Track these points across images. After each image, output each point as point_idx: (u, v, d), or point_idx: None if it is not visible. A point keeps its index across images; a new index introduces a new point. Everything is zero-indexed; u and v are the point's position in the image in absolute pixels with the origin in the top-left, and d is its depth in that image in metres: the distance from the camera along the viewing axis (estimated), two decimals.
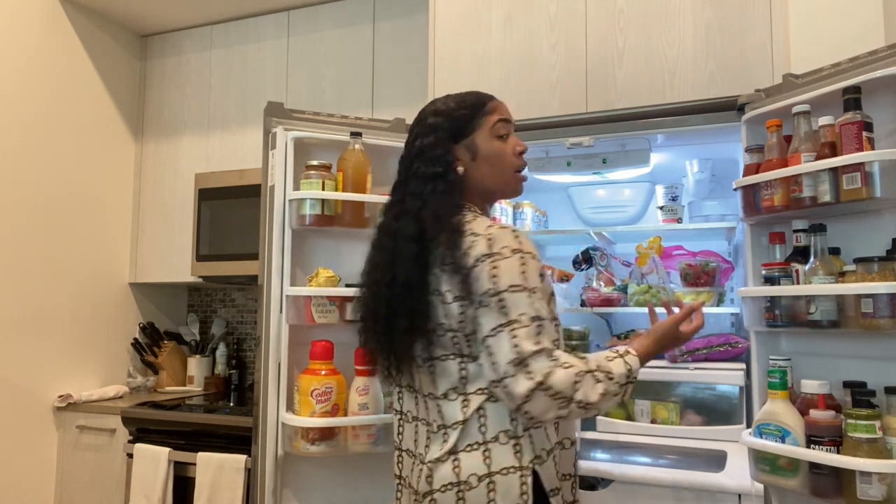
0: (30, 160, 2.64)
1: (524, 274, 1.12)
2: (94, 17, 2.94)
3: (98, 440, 2.62)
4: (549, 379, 1.05)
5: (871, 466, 1.19)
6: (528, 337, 1.07)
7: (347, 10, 2.78)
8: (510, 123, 1.30)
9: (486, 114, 1.28)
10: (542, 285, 1.16)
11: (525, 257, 1.14)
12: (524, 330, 1.08)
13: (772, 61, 1.73)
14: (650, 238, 2.12)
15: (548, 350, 1.08)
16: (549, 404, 1.06)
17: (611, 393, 1.11)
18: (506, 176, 1.28)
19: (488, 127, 1.27)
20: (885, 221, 1.38)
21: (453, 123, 1.26)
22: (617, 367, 1.13)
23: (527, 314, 1.09)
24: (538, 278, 1.15)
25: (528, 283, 1.11)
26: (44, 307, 2.67)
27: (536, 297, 1.12)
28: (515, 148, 1.29)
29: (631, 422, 1.87)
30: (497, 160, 1.27)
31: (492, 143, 1.27)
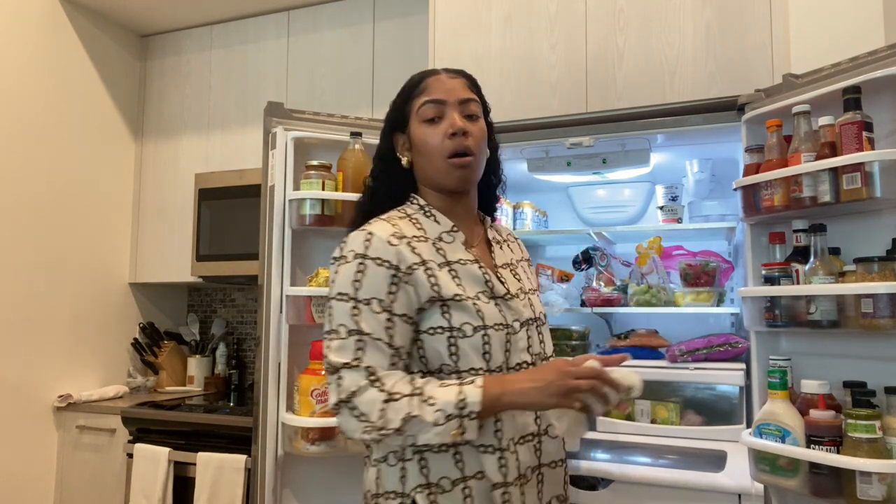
0: (30, 160, 2.64)
1: (357, 283, 1.03)
2: (94, 17, 2.94)
3: (98, 440, 2.62)
4: (354, 397, 0.98)
5: (871, 466, 1.19)
6: (339, 350, 1.01)
7: (347, 10, 2.78)
8: (442, 104, 1.13)
9: (416, 96, 1.15)
10: (395, 296, 1.04)
11: (366, 264, 1.04)
12: (338, 342, 1.02)
13: (772, 61, 1.73)
14: (650, 238, 2.12)
15: (367, 368, 1.00)
16: (354, 424, 0.99)
17: (424, 421, 0.97)
18: (437, 164, 1.13)
19: (415, 112, 1.15)
20: (885, 221, 1.38)
21: (391, 114, 1.20)
22: (444, 395, 0.98)
23: (345, 326, 1.02)
24: (381, 288, 1.03)
25: (359, 293, 1.03)
26: (44, 307, 2.67)
27: (368, 309, 1.02)
28: (448, 130, 1.11)
29: (631, 422, 1.87)
30: (423, 148, 1.14)
31: (419, 129, 1.14)
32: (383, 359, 1.02)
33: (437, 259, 1.09)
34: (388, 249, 1.05)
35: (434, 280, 1.06)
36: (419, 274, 1.05)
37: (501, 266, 1.18)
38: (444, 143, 1.11)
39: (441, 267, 1.08)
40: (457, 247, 1.13)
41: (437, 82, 1.15)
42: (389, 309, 1.03)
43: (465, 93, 1.16)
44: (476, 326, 1.06)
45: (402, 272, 1.05)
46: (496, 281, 1.13)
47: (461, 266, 1.10)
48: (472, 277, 1.10)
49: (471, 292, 1.08)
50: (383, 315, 1.03)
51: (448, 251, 1.11)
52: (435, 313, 1.05)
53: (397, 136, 1.19)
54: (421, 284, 1.05)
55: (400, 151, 1.18)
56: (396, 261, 1.05)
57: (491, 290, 1.11)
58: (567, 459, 1.21)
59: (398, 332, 1.04)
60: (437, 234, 1.13)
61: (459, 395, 0.98)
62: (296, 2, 2.84)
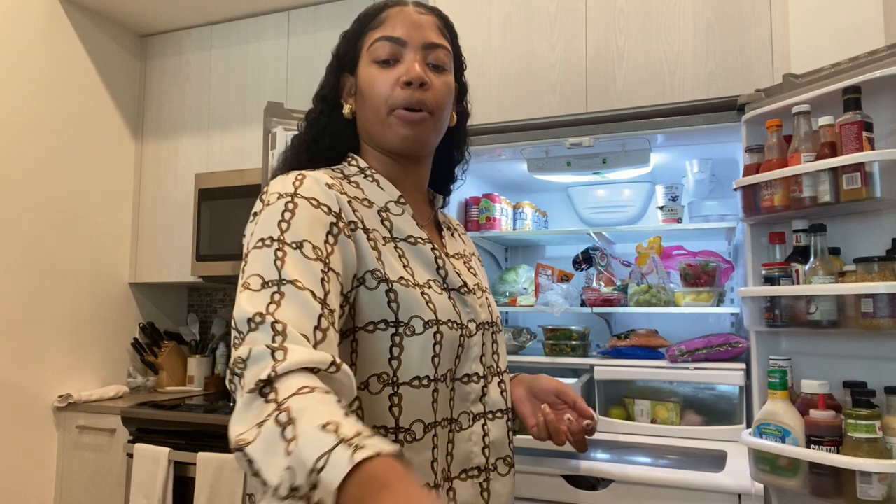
0: (29, 160, 2.64)
1: (284, 223, 0.76)
2: (94, 17, 2.94)
3: (98, 440, 2.62)
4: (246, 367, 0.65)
5: (871, 466, 1.19)
6: (246, 306, 0.69)
7: (347, 10, 2.78)
8: (401, 44, 0.89)
9: (371, 29, 0.92)
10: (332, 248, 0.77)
11: (297, 202, 0.78)
12: (246, 296, 0.71)
13: (772, 61, 1.73)
14: (650, 238, 2.12)
15: (274, 324, 0.67)
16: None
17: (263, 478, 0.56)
18: (380, 116, 0.89)
19: (366, 48, 0.91)
20: (885, 221, 1.38)
21: (340, 47, 0.96)
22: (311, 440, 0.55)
23: (261, 277, 0.71)
24: (317, 233, 0.76)
25: (286, 234, 0.75)
26: (44, 307, 2.67)
27: (297, 253, 0.73)
28: (402, 77, 0.88)
29: (631, 422, 1.87)
30: (368, 94, 0.90)
31: (367, 70, 0.91)
32: (308, 317, 0.70)
33: (381, 231, 0.86)
34: (327, 192, 0.81)
35: (378, 254, 0.82)
36: (360, 237, 0.82)
37: (454, 256, 0.98)
38: (395, 92, 0.88)
39: (386, 242, 0.85)
40: (406, 220, 0.90)
41: (400, 15, 0.91)
42: (325, 260, 0.75)
43: (434, 35, 0.92)
44: (427, 321, 0.82)
45: (343, 222, 0.80)
46: (451, 269, 0.91)
47: (410, 245, 0.88)
48: (424, 260, 0.88)
49: (420, 278, 0.85)
50: (318, 264, 0.74)
51: (396, 224, 0.89)
52: (377, 300, 0.80)
53: (346, 77, 0.96)
54: (362, 250, 0.81)
55: (344, 97, 0.96)
56: (337, 208, 0.81)
57: (444, 279, 0.89)
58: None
59: (334, 292, 0.74)
60: (384, 203, 0.90)
61: (324, 457, 0.53)
62: (296, 2, 2.85)
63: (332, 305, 0.74)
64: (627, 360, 1.90)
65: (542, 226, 2.48)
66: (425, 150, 0.95)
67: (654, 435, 1.82)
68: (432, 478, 0.82)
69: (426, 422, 0.82)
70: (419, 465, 0.81)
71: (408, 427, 0.81)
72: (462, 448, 0.88)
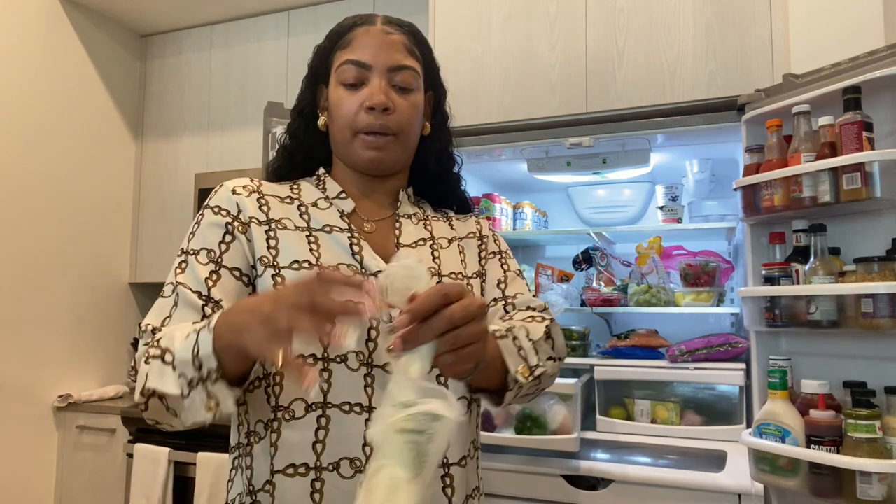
0: (29, 160, 2.64)
1: (191, 235, 0.89)
2: (94, 17, 2.94)
3: (98, 440, 2.62)
4: (136, 371, 0.80)
5: (871, 466, 1.19)
6: (156, 309, 0.86)
7: (347, 10, 2.76)
8: (366, 69, 0.92)
9: (338, 49, 0.95)
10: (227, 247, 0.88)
11: (204, 214, 0.91)
12: (158, 302, 0.87)
13: (772, 61, 1.73)
14: (650, 238, 2.12)
15: (154, 329, 0.82)
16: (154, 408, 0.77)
17: (169, 395, 0.73)
18: (344, 136, 0.93)
19: (335, 69, 0.95)
20: (885, 221, 1.38)
21: (314, 61, 1.00)
22: (181, 349, 0.73)
23: (172, 284, 0.86)
24: (213, 238, 0.88)
25: (190, 244, 0.88)
26: (44, 307, 2.67)
27: (193, 260, 0.86)
28: (365, 102, 0.91)
29: (631, 422, 1.87)
30: (335, 114, 0.94)
31: (335, 90, 0.94)
32: (191, 314, 0.82)
33: (295, 221, 0.92)
34: (230, 198, 0.91)
35: (274, 242, 0.89)
36: (255, 229, 0.89)
37: (411, 244, 0.97)
38: (360, 116, 0.91)
39: (297, 230, 0.91)
40: (330, 213, 0.94)
41: (366, 36, 0.93)
42: (218, 260, 0.86)
43: (401, 56, 0.94)
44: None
45: (238, 222, 0.89)
46: (371, 255, 0.91)
47: (325, 233, 0.92)
48: (336, 244, 0.91)
49: (326, 261, 0.88)
50: (208, 266, 0.85)
51: (315, 216, 0.93)
52: (267, 284, 0.86)
53: (321, 88, 1.00)
54: (255, 242, 0.89)
55: (320, 108, 1.00)
56: (236, 210, 0.90)
57: (360, 263, 0.90)
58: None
59: (221, 286, 0.85)
60: (314, 200, 0.96)
61: (194, 347, 0.72)
62: (296, 2, 2.84)
63: (216, 297, 0.84)
64: (627, 360, 1.90)
65: (542, 226, 2.48)
66: (391, 170, 0.98)
67: (654, 435, 1.81)
68: (312, 458, 0.81)
69: (309, 401, 0.82)
70: (294, 444, 0.81)
71: (286, 405, 0.83)
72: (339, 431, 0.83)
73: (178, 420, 0.76)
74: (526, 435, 1.71)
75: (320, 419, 0.83)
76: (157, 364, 0.75)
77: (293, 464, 0.82)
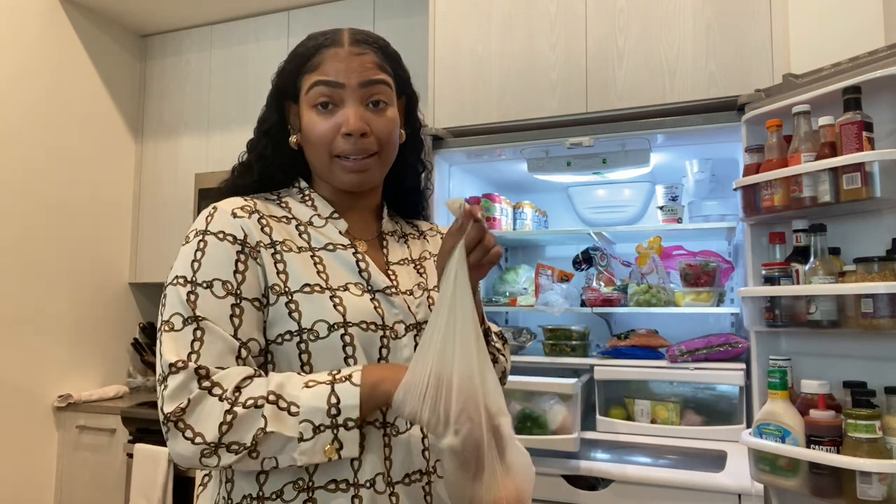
0: (30, 160, 2.64)
1: (196, 263, 0.83)
2: (94, 17, 2.94)
3: (98, 440, 2.62)
4: (185, 414, 0.77)
5: (871, 466, 1.19)
6: (170, 345, 0.80)
7: (347, 10, 2.78)
8: (339, 87, 0.90)
9: (306, 72, 0.93)
10: (243, 276, 0.84)
11: (206, 240, 0.85)
12: (170, 337, 0.80)
13: (772, 61, 1.73)
14: (650, 238, 2.12)
15: (198, 369, 0.78)
16: (187, 448, 0.76)
17: (285, 437, 0.77)
18: (322, 160, 0.92)
19: (304, 91, 0.93)
20: (885, 221, 1.38)
21: (281, 79, 0.97)
22: (310, 398, 0.78)
23: (180, 315, 0.81)
24: (225, 267, 0.84)
25: (197, 274, 0.83)
26: (44, 307, 2.67)
27: (208, 293, 0.82)
28: (342, 127, 0.89)
29: (631, 422, 1.87)
30: (310, 139, 0.92)
31: (307, 114, 0.92)
32: (226, 354, 0.80)
33: (296, 242, 0.90)
34: (233, 222, 0.86)
35: (282, 266, 0.87)
36: (264, 254, 0.86)
37: (397, 262, 0.99)
38: (337, 140, 0.90)
39: (301, 251, 0.89)
40: (329, 231, 0.94)
41: (335, 58, 0.91)
42: (236, 292, 0.83)
43: (372, 72, 0.92)
44: (332, 325, 0.84)
45: (248, 247, 0.86)
46: (377, 271, 0.93)
47: (328, 252, 0.91)
48: (342, 263, 0.91)
49: (336, 282, 0.88)
50: (228, 300, 0.82)
51: (315, 235, 0.92)
52: (280, 313, 0.85)
53: (289, 105, 0.97)
54: (266, 267, 0.86)
55: (292, 125, 0.97)
56: (242, 234, 0.86)
57: (367, 280, 0.91)
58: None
59: (247, 321, 0.83)
60: (308, 218, 0.94)
61: (331, 396, 0.78)
62: (296, 2, 2.85)
63: (245, 335, 0.83)
64: (627, 360, 1.90)
65: (542, 226, 2.48)
66: (372, 186, 0.97)
67: (654, 435, 1.81)
68: (350, 475, 0.82)
69: None
70: (332, 463, 0.82)
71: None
72: (400, 452, 0.87)
73: (254, 462, 0.77)
74: (526, 435, 1.71)
75: None
76: (271, 409, 0.77)
77: None
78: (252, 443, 0.76)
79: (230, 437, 0.76)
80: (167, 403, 0.77)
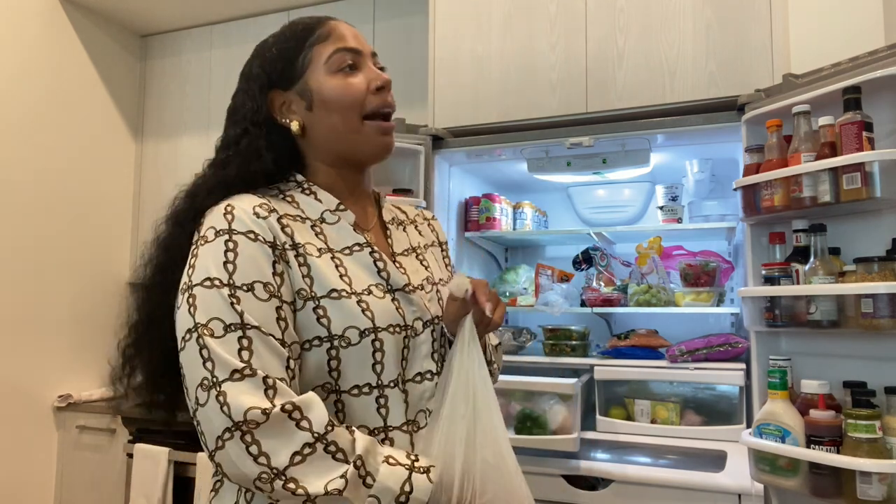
0: (30, 160, 2.64)
1: (229, 265, 0.79)
2: (94, 17, 2.94)
3: (98, 440, 2.62)
4: (257, 426, 0.72)
5: (871, 466, 1.19)
6: (219, 351, 0.74)
7: (347, 10, 2.77)
8: (359, 53, 0.93)
9: (316, 43, 0.93)
10: (280, 279, 0.81)
11: (236, 240, 0.80)
12: (217, 341, 0.75)
13: (772, 61, 1.73)
14: (650, 238, 2.12)
15: (266, 379, 0.74)
16: (248, 465, 0.72)
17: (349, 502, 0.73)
18: (350, 124, 0.91)
19: (321, 61, 0.92)
20: (885, 221, 1.38)
21: (270, 66, 0.94)
22: (388, 477, 0.76)
23: (222, 320, 0.76)
24: (263, 268, 0.80)
25: (234, 277, 0.78)
26: (44, 307, 2.67)
27: (250, 296, 0.78)
28: (371, 83, 0.92)
29: (631, 422, 1.87)
30: (336, 103, 0.90)
31: (328, 80, 0.91)
32: (278, 364, 0.77)
33: (315, 243, 0.87)
34: (259, 222, 0.82)
35: (307, 270, 0.84)
36: (290, 257, 0.84)
37: (402, 252, 0.99)
38: (368, 98, 0.91)
39: (321, 253, 0.86)
40: (343, 228, 0.92)
41: (340, 27, 0.94)
42: (278, 294, 0.80)
43: (370, 45, 0.98)
44: (363, 331, 0.83)
45: (280, 248, 0.83)
46: (394, 270, 0.92)
47: (347, 255, 0.89)
48: (362, 266, 0.89)
49: (359, 286, 0.86)
50: (272, 302, 0.79)
51: (331, 234, 0.90)
52: (308, 318, 0.82)
53: (278, 93, 0.94)
54: (294, 269, 0.83)
55: (282, 113, 0.94)
56: (271, 236, 0.83)
57: (387, 280, 0.90)
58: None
59: (290, 325, 0.81)
60: (319, 214, 0.91)
61: (405, 484, 0.76)
62: (296, 2, 2.84)
63: (290, 340, 0.80)
64: (627, 360, 1.90)
65: (542, 226, 2.48)
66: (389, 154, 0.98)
67: (654, 435, 1.82)
68: None
69: (371, 427, 0.85)
70: None
71: None
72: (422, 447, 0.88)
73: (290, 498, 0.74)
74: (526, 435, 1.71)
75: None
76: (352, 471, 0.74)
77: None
78: (316, 494, 0.72)
79: (297, 472, 0.72)
80: (234, 411, 0.72)
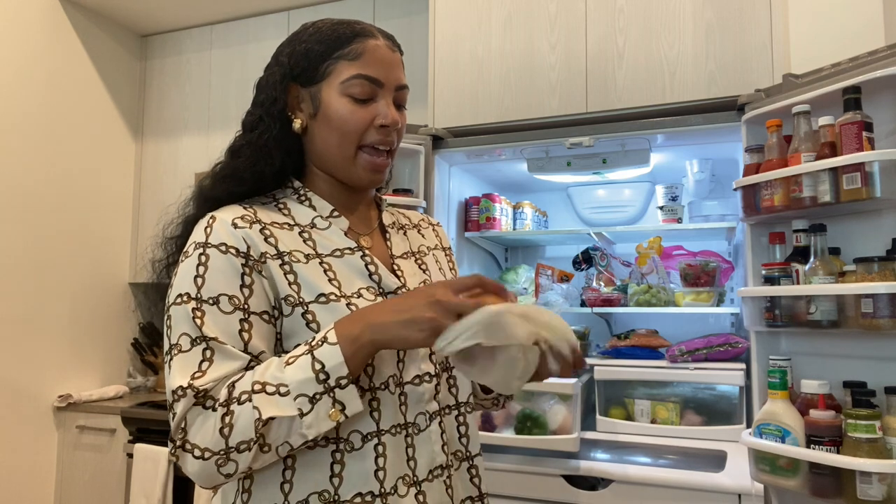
0: (30, 160, 2.64)
1: (199, 279, 0.82)
2: (94, 17, 2.94)
3: (98, 440, 2.62)
4: (187, 434, 0.76)
5: (871, 466, 1.19)
6: (180, 369, 0.78)
7: (347, 10, 2.77)
8: (380, 85, 0.90)
9: (343, 58, 0.90)
10: (250, 290, 0.83)
11: (208, 254, 0.83)
12: (179, 359, 0.79)
13: (772, 61, 1.73)
14: (650, 238, 2.12)
15: (199, 390, 0.77)
16: (204, 468, 0.76)
17: (286, 417, 0.75)
18: (344, 150, 0.90)
19: (339, 79, 0.90)
20: (885, 221, 1.38)
21: (295, 60, 0.92)
22: (296, 373, 0.76)
23: (188, 336, 0.79)
24: (230, 281, 0.82)
25: (202, 291, 0.81)
26: (44, 307, 2.67)
27: (215, 310, 0.80)
28: (376, 119, 0.90)
29: (631, 422, 1.87)
30: (336, 125, 0.89)
31: (338, 100, 0.90)
32: (235, 372, 0.80)
33: (302, 249, 0.88)
34: (234, 234, 0.84)
35: (293, 277, 0.85)
36: (271, 265, 0.84)
37: (401, 256, 0.98)
38: (369, 132, 0.90)
39: (309, 259, 0.87)
40: (333, 233, 0.91)
41: (376, 51, 0.91)
42: (244, 307, 0.82)
43: (402, 76, 0.94)
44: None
45: (252, 260, 0.84)
46: (387, 272, 0.91)
47: (336, 258, 0.89)
48: (353, 269, 0.89)
49: (349, 289, 0.87)
50: (236, 315, 0.81)
51: (320, 240, 0.90)
52: (297, 323, 0.84)
53: (295, 87, 0.93)
54: (275, 279, 0.84)
55: (291, 109, 0.93)
56: (245, 246, 0.84)
57: (378, 283, 0.90)
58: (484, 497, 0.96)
59: (257, 335, 0.82)
60: (310, 221, 0.92)
61: (315, 364, 0.76)
62: (296, 2, 2.84)
63: (256, 351, 0.82)
64: (627, 360, 1.90)
65: (542, 226, 2.48)
66: (380, 184, 0.98)
67: (654, 435, 1.82)
68: (376, 486, 0.81)
69: (364, 431, 0.83)
70: (359, 473, 0.81)
71: (346, 437, 0.82)
72: (424, 450, 0.87)
73: (269, 454, 0.77)
74: (526, 435, 1.71)
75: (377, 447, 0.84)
76: (262, 397, 0.75)
77: None
78: (257, 435, 0.75)
79: (235, 438, 0.75)
80: (173, 431, 0.77)
